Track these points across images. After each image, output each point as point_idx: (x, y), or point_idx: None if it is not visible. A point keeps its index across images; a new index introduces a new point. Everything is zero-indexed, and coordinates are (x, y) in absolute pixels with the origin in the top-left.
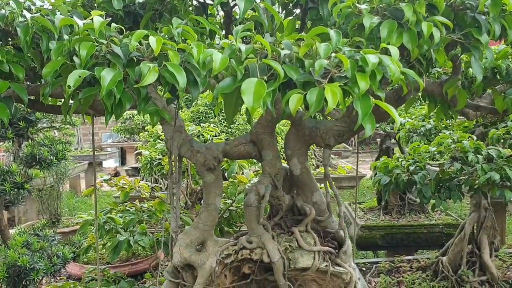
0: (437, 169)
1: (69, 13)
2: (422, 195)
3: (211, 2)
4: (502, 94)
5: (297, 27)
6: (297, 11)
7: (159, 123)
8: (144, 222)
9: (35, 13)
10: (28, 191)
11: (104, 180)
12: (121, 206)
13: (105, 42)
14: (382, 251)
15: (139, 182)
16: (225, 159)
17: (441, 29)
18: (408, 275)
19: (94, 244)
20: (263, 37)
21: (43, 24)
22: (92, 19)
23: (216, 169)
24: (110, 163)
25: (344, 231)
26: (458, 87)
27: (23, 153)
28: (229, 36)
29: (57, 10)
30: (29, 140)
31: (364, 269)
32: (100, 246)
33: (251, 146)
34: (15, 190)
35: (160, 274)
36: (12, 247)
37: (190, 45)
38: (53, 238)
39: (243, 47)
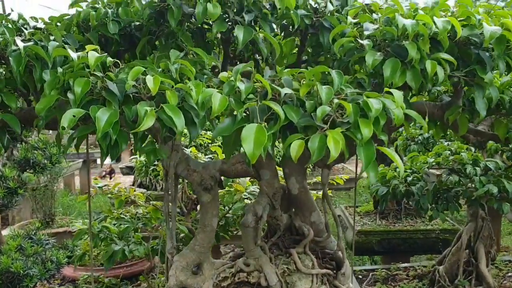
0: (437, 172)
1: (63, 38)
2: (419, 206)
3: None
4: (504, 121)
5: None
6: None
7: None
8: (139, 230)
9: (28, 38)
10: (22, 195)
11: (98, 187)
12: (115, 212)
13: (100, 75)
14: (378, 256)
15: (134, 191)
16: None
17: (445, 66)
18: (404, 283)
19: (88, 251)
20: (263, 70)
21: (36, 52)
22: (87, 53)
23: (213, 189)
24: (105, 161)
25: (343, 252)
26: (460, 114)
27: (16, 157)
28: (228, 70)
29: (50, 35)
30: (23, 143)
31: (360, 276)
32: (94, 253)
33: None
34: (9, 195)
35: (155, 276)
36: (5, 252)
37: (188, 84)
38: (47, 241)
39: (242, 86)
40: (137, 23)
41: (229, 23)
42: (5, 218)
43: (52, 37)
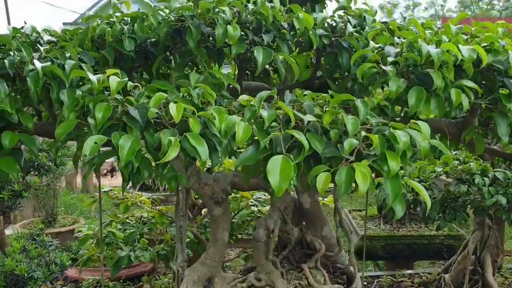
0: (446, 179)
1: (79, 55)
2: (427, 215)
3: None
4: None
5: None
6: None
7: None
8: (144, 234)
9: (44, 56)
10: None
11: (104, 191)
12: (120, 216)
13: (120, 98)
14: (381, 261)
15: (140, 197)
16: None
17: (469, 94)
18: None
19: (93, 256)
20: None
21: (53, 71)
22: (107, 77)
23: (224, 202)
24: (107, 159)
25: (354, 267)
26: (476, 133)
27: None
28: (242, 86)
29: (66, 51)
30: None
31: (365, 283)
32: (99, 254)
33: (260, 178)
34: (13, 197)
35: (157, 277)
36: (9, 254)
37: (210, 111)
38: (51, 243)
39: (265, 113)
40: (153, 39)
41: (246, 41)
42: (7, 217)
43: (68, 54)
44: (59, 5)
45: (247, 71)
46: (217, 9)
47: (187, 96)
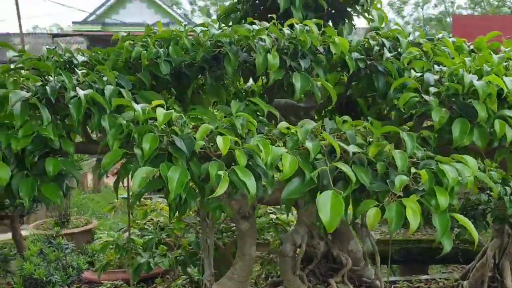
0: None
1: (116, 79)
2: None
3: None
4: None
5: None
6: None
7: None
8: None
9: (82, 81)
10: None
11: (123, 197)
12: (138, 222)
13: (164, 128)
14: (395, 265)
15: (160, 204)
16: None
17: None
18: None
19: (112, 261)
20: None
21: (94, 98)
22: (152, 108)
23: (251, 217)
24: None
25: (380, 281)
26: (509, 153)
27: None
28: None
29: (103, 76)
30: None
31: None
32: (115, 257)
33: (304, 210)
34: (32, 203)
35: (171, 279)
36: (27, 258)
37: (255, 142)
38: (67, 246)
39: (310, 145)
40: (187, 61)
41: (283, 67)
42: (18, 216)
43: (105, 78)
44: (68, 4)
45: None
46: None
47: (229, 125)
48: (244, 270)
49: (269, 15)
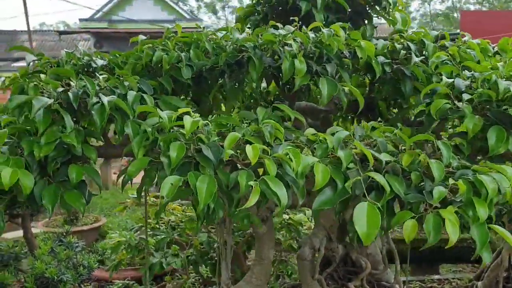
0: None
1: (138, 84)
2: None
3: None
4: None
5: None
6: None
7: None
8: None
9: (104, 86)
10: None
11: (133, 196)
12: (150, 221)
13: (191, 136)
14: (405, 264)
15: (172, 204)
16: None
17: None
18: None
19: (123, 260)
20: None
21: (117, 104)
22: (178, 116)
23: (268, 220)
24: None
25: (400, 285)
26: None
27: None
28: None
29: (125, 81)
30: None
31: None
32: (126, 256)
33: (335, 218)
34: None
35: (179, 276)
36: (39, 257)
37: (285, 151)
38: (77, 244)
39: (342, 154)
40: (208, 65)
41: (309, 72)
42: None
43: (126, 83)
44: (75, 1)
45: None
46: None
47: (256, 132)
48: (263, 273)
49: (291, 18)
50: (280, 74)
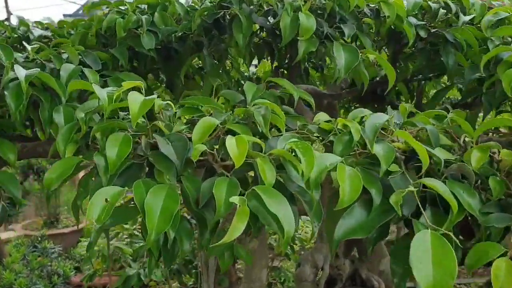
0: None
1: (80, 56)
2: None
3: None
4: None
5: None
6: None
7: None
8: None
9: (32, 58)
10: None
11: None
12: (127, 226)
13: (142, 122)
14: None
15: None
16: None
17: None
18: None
19: (99, 271)
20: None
21: (44, 81)
22: (124, 92)
23: (260, 233)
24: None
25: None
26: None
27: (18, 163)
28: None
29: (62, 51)
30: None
31: None
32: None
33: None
34: (11, 206)
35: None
36: (8, 266)
37: (289, 145)
38: (53, 250)
39: (380, 151)
40: (179, 33)
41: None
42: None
43: (65, 55)
44: None
45: (282, 69)
46: None
47: (243, 118)
48: None
49: None
50: (276, 44)
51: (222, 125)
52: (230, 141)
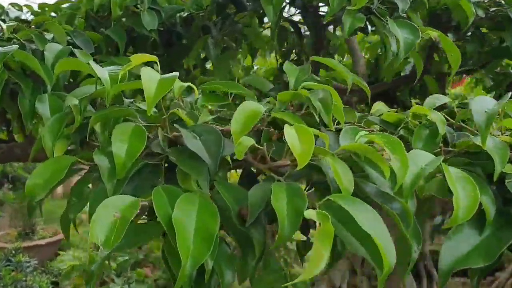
0: None
1: (69, 36)
2: None
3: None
4: None
5: None
6: None
7: None
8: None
9: (8, 37)
10: None
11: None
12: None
13: (154, 113)
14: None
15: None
16: None
17: None
18: None
19: (79, 286)
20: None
21: (24, 62)
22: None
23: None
24: None
25: None
26: None
27: None
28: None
29: (46, 31)
30: None
31: None
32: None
33: None
34: None
35: None
36: None
37: (368, 142)
38: (28, 264)
39: (492, 146)
40: (184, 14)
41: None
42: None
43: (50, 36)
44: None
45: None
46: None
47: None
48: None
49: None
50: (308, 24)
51: (267, 113)
52: (290, 131)
